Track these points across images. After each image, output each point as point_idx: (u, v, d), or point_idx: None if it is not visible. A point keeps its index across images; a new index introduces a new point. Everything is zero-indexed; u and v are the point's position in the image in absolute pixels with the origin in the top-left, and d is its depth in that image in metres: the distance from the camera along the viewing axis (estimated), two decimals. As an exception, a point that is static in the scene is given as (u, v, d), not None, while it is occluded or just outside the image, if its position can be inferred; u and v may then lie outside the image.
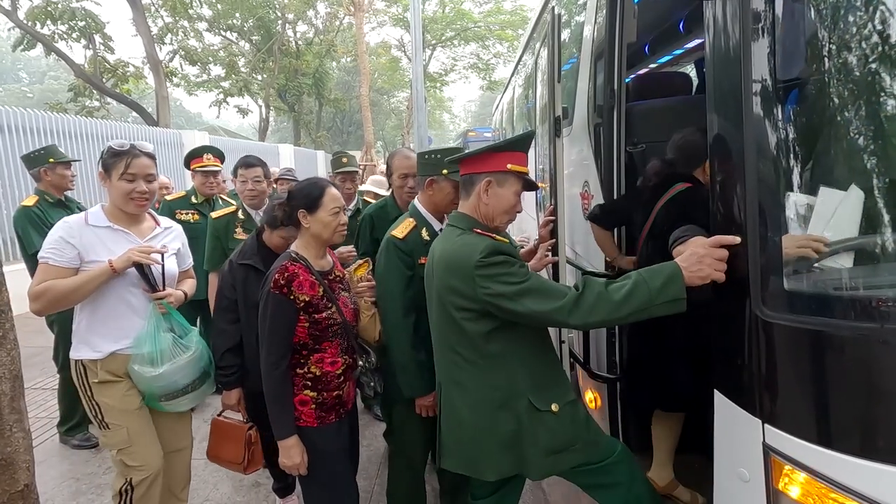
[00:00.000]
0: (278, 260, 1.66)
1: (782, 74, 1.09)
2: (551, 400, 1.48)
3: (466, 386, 1.51)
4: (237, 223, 2.62)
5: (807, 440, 1.03)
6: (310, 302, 1.59)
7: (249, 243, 2.04)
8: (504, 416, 1.47)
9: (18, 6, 12.04)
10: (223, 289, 2.01)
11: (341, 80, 28.13)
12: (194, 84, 18.69)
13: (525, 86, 5.44)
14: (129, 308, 1.74)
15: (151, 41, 13.17)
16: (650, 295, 1.24)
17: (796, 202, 1.12)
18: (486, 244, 1.41)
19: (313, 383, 1.65)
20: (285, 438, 1.60)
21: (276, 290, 1.56)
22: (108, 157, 1.73)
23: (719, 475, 1.29)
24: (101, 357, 1.72)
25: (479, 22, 21.65)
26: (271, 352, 1.58)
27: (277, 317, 1.57)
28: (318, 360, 1.65)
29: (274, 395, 1.60)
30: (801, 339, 1.06)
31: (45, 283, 1.61)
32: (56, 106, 12.75)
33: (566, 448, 1.49)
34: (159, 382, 1.72)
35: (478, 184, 1.51)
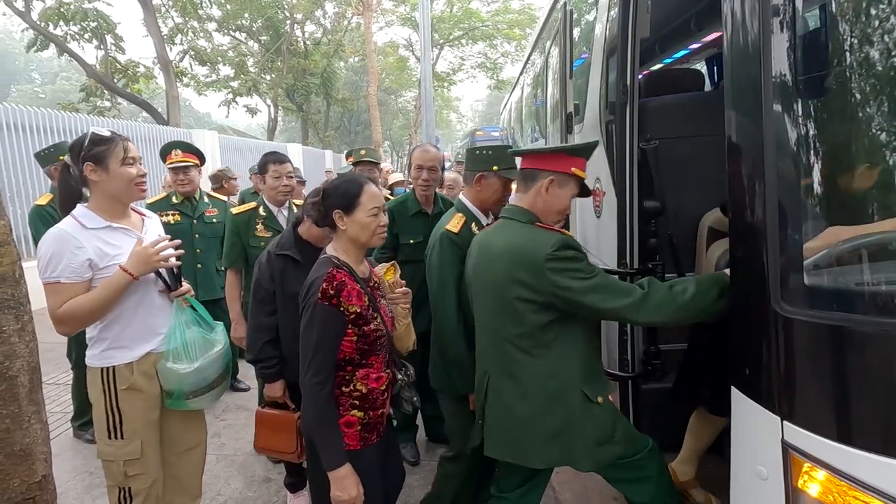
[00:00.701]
0: (318, 266, 1.50)
1: (802, 69, 1.08)
2: (598, 392, 1.52)
3: (519, 376, 1.54)
4: (258, 220, 2.57)
5: (827, 437, 1.02)
6: (360, 313, 1.44)
7: (286, 235, 2.04)
8: (556, 406, 1.50)
9: (32, 7, 12.20)
10: (261, 280, 1.99)
11: (349, 79, 28.22)
12: (204, 84, 18.83)
13: (534, 84, 5.43)
14: (153, 306, 1.66)
15: (162, 41, 13.29)
16: (707, 304, 1.34)
17: (816, 197, 1.11)
18: (557, 238, 1.45)
19: (360, 402, 1.48)
20: (338, 468, 1.39)
21: (324, 300, 1.39)
22: (96, 145, 1.53)
23: (736, 473, 1.28)
24: (137, 359, 1.63)
25: (487, 21, 21.62)
26: (318, 371, 1.40)
27: (327, 331, 1.40)
28: (364, 376, 1.49)
29: (320, 420, 1.41)
30: (821, 334, 1.05)
31: (66, 306, 1.46)
32: (68, 106, 12.90)
33: (609, 440, 1.52)
34: (192, 378, 1.66)
35: (540, 180, 1.54)
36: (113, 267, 1.53)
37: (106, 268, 1.53)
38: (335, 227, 1.50)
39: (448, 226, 1.89)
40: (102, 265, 1.52)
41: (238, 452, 2.87)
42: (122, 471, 1.61)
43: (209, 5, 16.60)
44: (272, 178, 2.54)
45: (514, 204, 1.62)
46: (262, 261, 2.01)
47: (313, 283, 1.42)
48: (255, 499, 2.49)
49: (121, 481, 1.62)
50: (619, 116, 2.11)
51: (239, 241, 2.54)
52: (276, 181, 2.54)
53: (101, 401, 1.59)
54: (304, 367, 1.41)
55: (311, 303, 1.40)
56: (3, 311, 1.20)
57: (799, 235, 1.10)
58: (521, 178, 1.61)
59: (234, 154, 10.79)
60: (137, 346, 1.61)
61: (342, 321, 1.41)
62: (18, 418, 1.24)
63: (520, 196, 1.61)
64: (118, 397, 1.59)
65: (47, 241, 1.47)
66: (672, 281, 1.41)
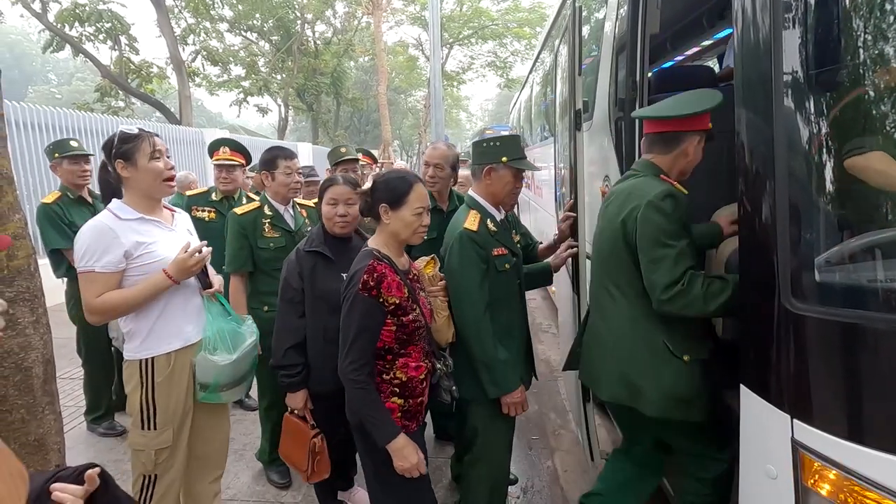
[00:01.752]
0: (360, 258, 1.55)
1: (813, 65, 1.07)
2: (685, 351, 1.53)
3: (608, 318, 1.66)
4: (265, 220, 2.40)
5: (838, 436, 1.00)
6: (399, 304, 1.49)
7: (316, 231, 1.98)
8: (633, 350, 1.59)
9: (49, 9, 12.41)
10: (289, 279, 1.90)
11: (359, 79, 28.32)
12: (215, 84, 19.02)
13: (543, 83, 5.40)
14: (185, 300, 1.71)
15: (175, 42, 13.45)
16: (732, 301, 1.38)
17: (826, 193, 1.10)
18: (666, 188, 1.50)
19: (401, 390, 1.53)
20: (393, 440, 1.45)
21: (364, 291, 1.45)
22: (124, 143, 1.59)
23: (745, 472, 1.27)
24: (175, 349, 1.68)
25: (497, 20, 21.56)
26: (356, 357, 1.46)
27: (367, 321, 1.46)
28: (404, 364, 1.54)
29: (364, 400, 1.47)
30: (832, 332, 1.03)
31: (103, 298, 1.52)
32: (83, 106, 13.10)
33: (685, 400, 1.54)
34: (229, 370, 1.70)
35: (687, 140, 1.58)
36: (146, 256, 1.59)
37: (139, 256, 1.57)
38: (378, 219, 1.56)
39: (466, 224, 1.81)
40: (136, 254, 1.57)
41: (247, 447, 2.90)
42: (152, 459, 1.66)
43: (221, 6, 16.76)
44: (283, 174, 2.39)
45: (647, 160, 1.66)
46: (292, 258, 1.93)
47: (355, 274, 1.48)
48: (262, 492, 2.51)
49: (150, 469, 1.67)
50: (628, 113, 2.10)
51: (247, 243, 2.36)
52: (287, 177, 2.39)
53: (138, 392, 1.63)
54: (343, 353, 1.47)
55: (353, 293, 1.46)
56: (19, 304, 1.23)
57: (809, 232, 1.09)
58: (660, 141, 1.62)
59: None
60: (173, 338, 1.67)
61: (381, 311, 1.46)
62: (33, 409, 1.26)
63: (654, 156, 1.64)
64: (154, 389, 1.63)
65: (85, 233, 1.53)
66: (709, 280, 1.44)
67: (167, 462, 1.69)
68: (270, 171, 2.40)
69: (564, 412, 3.26)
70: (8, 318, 1.21)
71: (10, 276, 1.21)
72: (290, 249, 2.33)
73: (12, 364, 1.22)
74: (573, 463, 2.71)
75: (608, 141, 2.35)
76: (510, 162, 1.84)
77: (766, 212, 1.13)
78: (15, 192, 1.23)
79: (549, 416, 3.22)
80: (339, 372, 1.49)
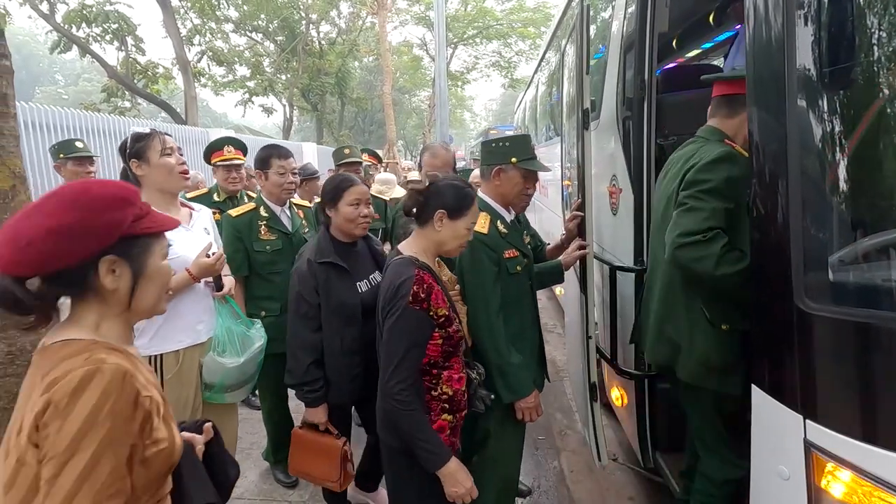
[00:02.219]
0: (400, 267, 1.42)
1: (827, 62, 1.06)
2: (725, 319, 1.51)
3: (657, 280, 1.68)
4: (260, 221, 2.32)
5: (852, 437, 1.00)
6: (447, 316, 1.41)
7: (323, 239, 1.86)
8: (675, 313, 1.63)
9: (56, 10, 12.50)
10: (303, 293, 1.80)
11: (363, 79, 28.35)
12: (221, 84, 19.09)
13: (549, 82, 5.39)
14: (195, 299, 1.74)
15: (181, 42, 13.51)
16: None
17: (840, 192, 1.09)
18: (725, 150, 1.49)
19: (449, 405, 1.44)
20: (447, 463, 1.35)
21: (415, 304, 1.35)
22: (136, 142, 1.63)
23: (757, 473, 1.26)
24: (183, 347, 1.70)
25: (502, 19, 21.54)
26: (405, 376, 1.36)
27: (418, 336, 1.37)
28: (448, 378, 1.45)
29: (417, 423, 1.36)
30: (846, 331, 1.03)
31: None
32: (90, 106, 13.18)
33: (717, 369, 1.53)
34: (236, 373, 1.72)
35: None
36: (172, 256, 1.61)
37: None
38: (422, 224, 1.47)
39: (476, 227, 1.76)
40: None
41: (254, 446, 2.91)
42: None
43: (226, 7, 16.83)
44: (276, 174, 2.32)
45: (711, 125, 1.65)
46: (304, 270, 1.82)
47: (402, 285, 1.36)
48: (269, 491, 2.52)
49: None
50: (636, 112, 2.09)
51: (242, 246, 2.28)
52: (280, 177, 2.32)
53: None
54: (389, 371, 1.36)
55: (402, 306, 1.35)
56: (31, 302, 1.24)
57: (822, 231, 1.08)
58: (727, 104, 1.61)
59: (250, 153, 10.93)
60: (182, 336, 1.70)
61: (431, 325, 1.39)
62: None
63: (720, 120, 1.63)
64: (164, 386, 1.65)
65: None
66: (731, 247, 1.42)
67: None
68: (264, 171, 2.33)
69: (571, 412, 3.25)
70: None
71: (22, 275, 1.22)
72: (286, 252, 2.30)
73: (25, 362, 1.23)
74: (580, 463, 2.70)
75: (615, 140, 2.34)
76: (520, 163, 1.82)
77: (778, 210, 1.12)
78: (28, 191, 1.25)
79: (556, 417, 3.22)
80: (382, 393, 1.39)
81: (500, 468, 1.88)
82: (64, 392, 0.75)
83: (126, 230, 0.86)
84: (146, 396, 0.83)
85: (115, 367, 0.79)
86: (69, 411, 0.75)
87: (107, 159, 6.70)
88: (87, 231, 0.82)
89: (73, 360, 0.79)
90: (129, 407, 0.79)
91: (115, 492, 0.76)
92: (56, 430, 0.74)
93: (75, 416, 0.75)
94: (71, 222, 0.80)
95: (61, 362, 0.79)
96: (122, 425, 0.78)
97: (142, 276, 0.89)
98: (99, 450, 0.75)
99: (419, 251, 1.47)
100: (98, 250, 0.84)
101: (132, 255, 0.87)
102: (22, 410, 0.80)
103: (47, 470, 0.74)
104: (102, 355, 0.81)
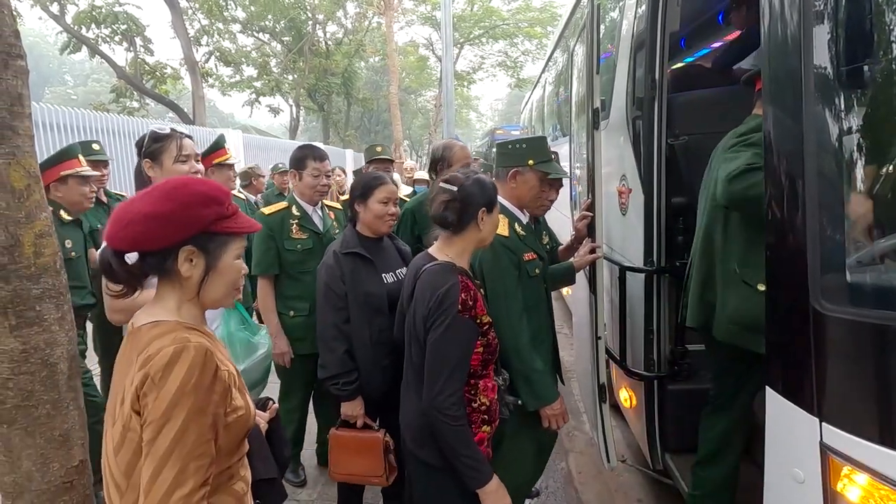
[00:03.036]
0: (441, 273, 1.36)
1: (844, 60, 1.04)
2: (760, 280, 1.45)
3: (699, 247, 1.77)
4: (292, 220, 2.34)
5: (869, 440, 0.98)
6: (490, 323, 1.38)
7: (349, 233, 1.90)
8: (707, 275, 1.71)
9: (66, 11, 12.62)
10: (331, 284, 1.81)
11: (370, 79, 28.42)
12: (228, 84, 19.21)
13: (557, 82, 5.38)
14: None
15: (189, 43, 13.61)
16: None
17: (857, 192, 1.07)
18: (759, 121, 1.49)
19: (488, 416, 1.40)
20: (489, 481, 1.31)
21: (464, 312, 1.30)
22: (153, 142, 1.60)
23: (771, 476, 1.25)
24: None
25: (508, 19, 21.51)
26: (456, 388, 1.29)
27: (468, 346, 1.32)
28: (484, 387, 1.41)
29: (463, 437, 1.30)
30: (864, 333, 1.01)
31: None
32: (99, 106, 13.30)
33: (750, 328, 1.54)
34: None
35: None
36: None
37: None
38: (461, 229, 1.40)
39: (497, 230, 1.73)
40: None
41: (262, 445, 2.91)
42: None
43: (234, 7, 16.93)
44: (311, 175, 2.31)
45: (756, 113, 1.67)
46: (330, 263, 1.84)
47: (448, 293, 1.30)
48: (278, 490, 2.53)
49: None
50: (646, 112, 2.08)
51: (273, 245, 2.29)
52: (314, 179, 2.32)
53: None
54: (438, 385, 1.29)
55: (451, 314, 1.29)
56: (45, 301, 1.24)
57: (839, 231, 1.07)
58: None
59: (257, 152, 10.97)
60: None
61: (478, 333, 1.34)
62: (58, 404, 1.28)
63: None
64: None
65: None
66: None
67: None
68: (298, 171, 2.33)
69: (578, 413, 3.24)
70: (34, 314, 1.23)
71: (36, 274, 1.22)
72: (316, 252, 2.28)
73: (39, 360, 1.24)
74: (588, 464, 2.69)
75: (625, 140, 2.33)
76: (536, 165, 1.80)
77: (794, 211, 1.11)
78: (42, 191, 1.25)
79: (563, 417, 3.21)
80: (428, 408, 1.31)
81: (511, 473, 1.81)
82: (158, 367, 0.87)
83: (207, 226, 0.95)
84: (224, 370, 0.94)
85: (198, 345, 0.90)
86: (163, 384, 0.86)
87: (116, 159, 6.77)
88: (174, 220, 0.92)
89: (163, 339, 0.91)
90: (210, 379, 0.90)
91: (201, 453, 0.88)
92: (153, 400, 0.86)
93: (168, 387, 0.86)
94: (163, 211, 0.92)
95: (153, 341, 0.91)
96: (206, 396, 0.89)
97: (213, 269, 0.98)
98: (188, 417, 0.86)
99: (455, 255, 1.41)
100: (181, 239, 0.94)
101: (209, 249, 0.97)
102: (121, 383, 0.93)
103: (147, 433, 0.87)
104: (186, 335, 0.92)
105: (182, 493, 0.84)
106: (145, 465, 0.86)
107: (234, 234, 0.99)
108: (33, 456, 1.25)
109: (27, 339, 1.22)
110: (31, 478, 1.26)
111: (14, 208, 1.18)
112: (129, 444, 0.90)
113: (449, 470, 1.35)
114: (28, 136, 1.21)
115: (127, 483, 0.91)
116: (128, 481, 0.91)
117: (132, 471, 0.90)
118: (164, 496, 0.84)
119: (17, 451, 1.24)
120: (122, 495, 0.92)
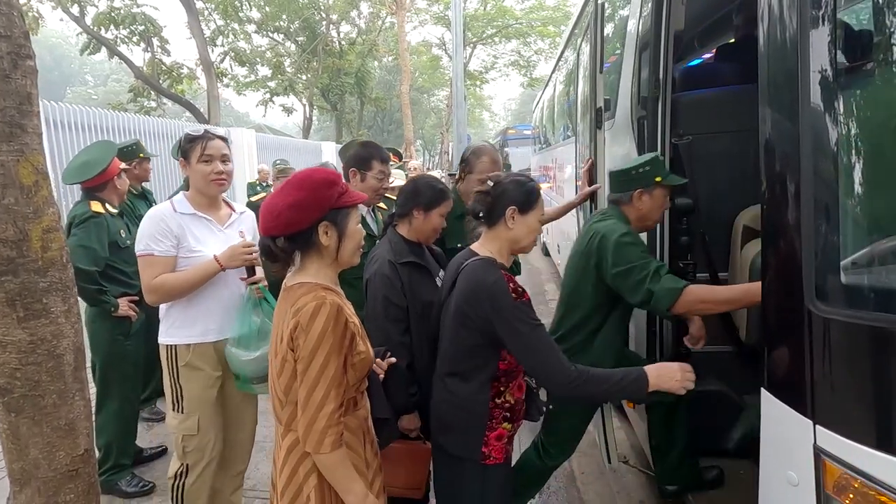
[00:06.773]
0: (484, 268, 1.37)
1: (842, 62, 1.03)
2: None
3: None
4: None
5: (864, 444, 0.97)
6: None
7: (396, 241, 1.80)
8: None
9: (86, 13, 12.89)
10: (391, 297, 1.71)
11: (382, 79, 28.55)
12: (243, 84, 19.46)
13: (566, 81, 5.35)
14: (221, 299, 1.80)
15: (204, 43, 13.79)
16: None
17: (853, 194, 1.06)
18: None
19: (510, 414, 1.43)
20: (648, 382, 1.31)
21: (518, 298, 1.33)
22: (186, 143, 1.78)
23: (765, 479, 1.24)
24: (195, 342, 1.78)
25: (521, 18, 21.45)
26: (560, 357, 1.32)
27: (539, 320, 1.35)
28: (514, 385, 1.44)
29: (592, 385, 1.31)
30: (859, 335, 1.00)
31: (160, 278, 1.69)
32: (118, 106, 13.57)
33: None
34: (252, 366, 1.75)
35: None
36: (193, 253, 1.74)
37: (183, 248, 1.74)
38: (492, 223, 1.43)
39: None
40: (182, 245, 1.74)
41: (267, 439, 2.95)
42: (180, 444, 1.80)
43: (249, 8, 17.13)
44: (376, 178, 2.15)
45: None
46: (386, 273, 1.73)
47: (496, 285, 1.32)
48: (282, 485, 2.56)
49: (180, 455, 1.81)
50: (651, 112, 2.07)
51: None
52: (378, 182, 2.16)
53: (167, 375, 1.80)
54: (551, 366, 1.31)
55: (510, 305, 1.31)
56: (52, 294, 1.28)
57: (835, 233, 1.06)
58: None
59: (271, 152, 11.11)
60: (196, 329, 1.78)
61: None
62: (64, 394, 1.31)
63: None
64: (179, 373, 1.79)
65: (146, 220, 1.75)
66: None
67: (194, 454, 1.80)
68: (362, 171, 2.14)
69: (582, 414, 3.22)
70: (41, 306, 1.27)
71: (44, 267, 1.26)
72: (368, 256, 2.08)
73: (45, 351, 1.27)
74: (590, 465, 2.68)
75: (630, 139, 2.32)
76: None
77: (790, 212, 1.10)
78: (50, 187, 1.29)
79: (567, 418, 3.19)
80: (562, 388, 1.32)
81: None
82: (305, 316, 1.13)
83: (334, 203, 1.19)
84: (352, 322, 1.21)
85: (332, 300, 1.16)
86: (309, 329, 1.13)
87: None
88: (311, 204, 1.17)
89: (307, 296, 1.17)
90: (342, 328, 1.16)
91: (338, 384, 1.15)
92: (303, 341, 1.13)
93: (312, 333, 1.13)
94: (301, 198, 1.16)
95: (300, 297, 1.17)
96: (339, 340, 1.15)
97: (344, 235, 1.22)
98: (328, 355, 1.13)
99: (495, 252, 1.43)
100: (317, 218, 1.18)
101: (337, 221, 1.21)
102: (279, 327, 1.21)
103: (300, 365, 1.14)
104: (324, 293, 1.17)
105: (328, 409, 1.13)
106: (301, 389, 1.14)
107: (353, 205, 1.23)
108: (40, 444, 1.29)
109: (34, 331, 1.26)
110: (38, 465, 1.30)
111: (22, 204, 1.22)
112: (287, 370, 1.18)
113: (468, 460, 1.43)
114: (36, 133, 1.25)
115: (286, 398, 1.20)
116: (286, 397, 1.20)
117: (289, 390, 1.19)
118: (316, 410, 1.13)
119: (25, 440, 1.28)
120: (283, 406, 1.22)
